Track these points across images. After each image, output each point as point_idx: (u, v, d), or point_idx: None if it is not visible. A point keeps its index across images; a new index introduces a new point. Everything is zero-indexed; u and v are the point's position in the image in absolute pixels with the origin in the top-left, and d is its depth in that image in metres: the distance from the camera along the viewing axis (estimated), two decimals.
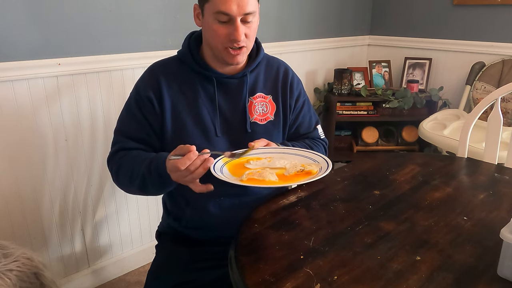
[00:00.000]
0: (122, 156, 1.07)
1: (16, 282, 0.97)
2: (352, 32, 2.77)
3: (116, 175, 1.09)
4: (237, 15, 0.96)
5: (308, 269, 0.75)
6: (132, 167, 1.03)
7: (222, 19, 0.97)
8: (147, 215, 1.96)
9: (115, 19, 1.64)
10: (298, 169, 0.92)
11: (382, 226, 0.90)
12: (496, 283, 0.72)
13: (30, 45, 1.46)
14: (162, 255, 1.19)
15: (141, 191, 1.06)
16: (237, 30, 0.97)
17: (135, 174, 1.02)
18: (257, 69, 1.15)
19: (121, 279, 1.91)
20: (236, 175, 0.92)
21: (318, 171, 0.91)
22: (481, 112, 1.42)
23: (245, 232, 0.88)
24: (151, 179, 0.99)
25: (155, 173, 0.98)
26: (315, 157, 0.99)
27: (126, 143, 1.09)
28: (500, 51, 2.29)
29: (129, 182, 1.05)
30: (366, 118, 2.54)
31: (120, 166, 1.07)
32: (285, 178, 0.90)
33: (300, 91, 1.21)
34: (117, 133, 1.12)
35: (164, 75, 1.08)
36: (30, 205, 1.59)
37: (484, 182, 1.14)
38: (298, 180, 0.89)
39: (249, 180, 0.86)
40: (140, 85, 1.10)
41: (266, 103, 1.15)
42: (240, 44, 1.00)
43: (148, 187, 1.03)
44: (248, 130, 1.12)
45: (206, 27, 1.01)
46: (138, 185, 1.03)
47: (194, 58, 1.08)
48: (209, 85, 1.09)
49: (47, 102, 1.54)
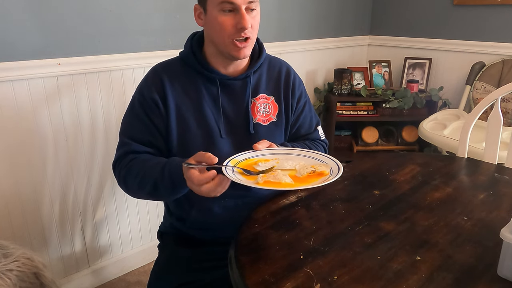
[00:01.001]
0: (131, 160, 1.04)
1: (16, 282, 0.97)
2: (352, 32, 2.77)
3: (124, 180, 1.05)
4: (241, 3, 0.97)
5: (308, 269, 0.75)
6: (143, 172, 1.00)
7: (227, 7, 0.97)
8: (147, 215, 1.96)
9: (115, 19, 1.64)
10: (309, 170, 0.91)
11: (382, 226, 0.90)
12: (496, 283, 0.72)
13: (30, 45, 1.46)
14: (165, 256, 1.18)
15: (152, 196, 1.03)
16: (244, 17, 0.98)
17: (146, 179, 0.99)
18: (259, 70, 1.15)
19: (121, 279, 1.91)
20: (247, 178, 0.89)
21: (329, 171, 0.90)
22: (481, 112, 1.42)
23: (245, 232, 0.88)
24: (164, 184, 0.96)
25: (168, 179, 0.95)
26: (322, 158, 0.99)
27: (132, 146, 1.06)
28: (500, 51, 2.29)
29: (139, 188, 1.02)
30: (366, 118, 2.54)
31: (129, 170, 1.03)
32: (299, 179, 0.88)
33: (301, 92, 1.21)
34: (122, 136, 1.09)
35: (168, 76, 1.08)
36: (30, 205, 1.59)
37: (484, 182, 1.14)
38: (313, 181, 0.87)
39: (265, 182, 0.85)
40: (144, 86, 1.09)
41: (269, 104, 1.15)
42: (247, 33, 1.00)
43: (160, 192, 0.99)
44: (251, 131, 1.12)
45: (211, 22, 1.01)
46: (149, 190, 1.00)
47: (197, 59, 1.08)
48: (213, 86, 1.09)
49: (47, 102, 1.54)
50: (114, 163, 1.09)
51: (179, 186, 0.95)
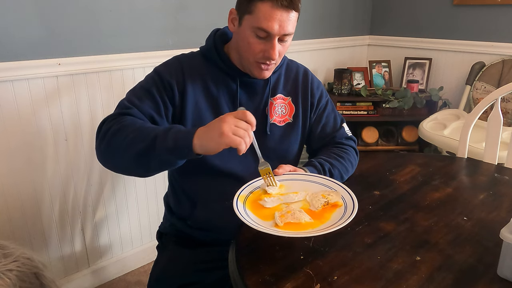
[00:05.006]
0: (129, 119, 0.95)
1: (16, 282, 0.97)
2: (352, 32, 2.77)
3: (111, 136, 0.92)
4: (276, 34, 0.96)
5: (308, 269, 0.75)
6: (141, 128, 0.91)
7: (260, 35, 0.97)
8: (147, 215, 1.96)
9: (115, 19, 1.64)
10: (322, 202, 0.90)
11: (382, 226, 0.90)
12: (496, 283, 0.72)
13: (30, 45, 1.46)
14: (165, 257, 1.18)
15: (138, 158, 0.89)
16: (274, 49, 0.98)
17: (142, 136, 0.88)
18: (278, 70, 1.15)
19: (121, 279, 1.91)
20: (260, 216, 0.86)
21: (341, 201, 0.90)
22: (481, 112, 1.42)
23: (245, 232, 0.88)
24: (164, 144, 0.86)
25: (172, 138, 0.86)
26: (326, 183, 0.97)
27: (132, 110, 0.98)
28: (500, 51, 2.29)
29: (129, 145, 0.89)
30: (366, 118, 2.54)
31: (123, 127, 0.92)
32: (316, 215, 0.87)
33: (322, 91, 1.21)
34: (124, 101, 1.01)
35: (190, 67, 1.07)
36: (30, 205, 1.59)
37: (484, 182, 1.14)
38: (329, 215, 0.85)
39: (286, 225, 0.83)
40: (163, 69, 1.05)
41: (285, 105, 1.15)
42: (272, 62, 1.01)
43: (152, 154, 0.87)
44: (267, 132, 1.11)
45: (241, 37, 1.00)
46: (141, 149, 0.88)
47: (219, 55, 1.07)
48: (232, 83, 1.09)
49: (47, 102, 1.54)
50: (105, 119, 0.99)
51: (179, 150, 0.86)
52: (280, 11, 0.94)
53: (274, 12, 0.93)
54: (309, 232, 0.80)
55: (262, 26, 0.95)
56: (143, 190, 1.91)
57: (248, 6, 0.96)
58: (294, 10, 0.96)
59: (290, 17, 0.95)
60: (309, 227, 0.82)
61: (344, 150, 1.17)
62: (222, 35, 1.10)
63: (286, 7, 0.94)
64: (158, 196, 1.96)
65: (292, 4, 0.94)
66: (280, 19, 0.94)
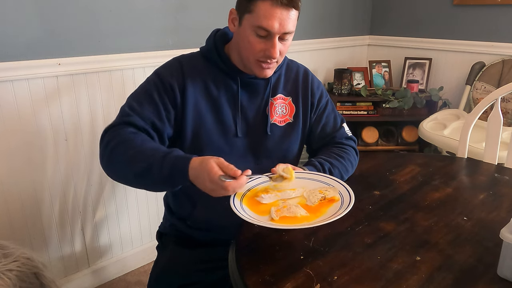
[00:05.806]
0: (130, 133, 0.96)
1: (16, 282, 0.97)
2: (352, 32, 2.77)
3: (112, 149, 0.95)
4: (276, 33, 0.96)
5: (308, 269, 0.75)
6: (140, 149, 0.93)
7: (261, 33, 0.97)
8: (147, 215, 1.96)
9: (115, 19, 1.64)
10: (319, 197, 0.90)
11: (382, 226, 0.90)
12: (496, 283, 0.72)
13: (30, 45, 1.46)
14: (165, 257, 1.18)
15: (136, 178, 0.93)
16: (274, 47, 0.97)
17: (142, 157, 0.91)
18: (278, 70, 1.15)
19: (121, 279, 1.91)
20: (256, 212, 0.86)
21: (339, 196, 0.90)
22: (481, 112, 1.42)
23: (245, 232, 0.88)
24: (160, 170, 0.89)
25: (168, 167, 0.88)
26: (324, 180, 0.97)
27: (133, 118, 0.99)
28: (500, 51, 2.29)
29: (128, 163, 0.92)
30: (366, 118, 2.54)
31: (124, 142, 0.94)
32: (311, 209, 0.87)
33: (322, 91, 1.21)
34: (125, 108, 1.03)
35: (190, 68, 1.07)
36: (30, 205, 1.59)
37: (484, 182, 1.14)
38: (325, 210, 0.86)
39: (281, 219, 0.84)
40: (163, 72, 1.06)
41: (286, 105, 1.15)
42: (273, 60, 1.01)
43: (149, 177, 0.91)
44: (268, 132, 1.11)
45: (242, 37, 1.00)
46: (138, 170, 0.91)
47: (220, 55, 1.07)
48: (233, 84, 1.09)
49: (47, 102, 1.54)
50: (107, 129, 1.01)
51: (174, 178, 0.89)
52: (280, 9, 0.94)
53: (274, 11, 0.93)
54: (304, 224, 0.81)
55: (262, 24, 0.94)
56: (143, 190, 1.91)
57: (248, 5, 0.96)
58: (294, 8, 0.96)
59: (290, 15, 0.95)
60: (304, 220, 0.83)
61: (344, 150, 1.17)
62: (223, 36, 1.10)
63: (286, 5, 0.94)
64: (158, 196, 1.96)
65: (292, 2, 0.94)
66: (280, 17, 0.94)
